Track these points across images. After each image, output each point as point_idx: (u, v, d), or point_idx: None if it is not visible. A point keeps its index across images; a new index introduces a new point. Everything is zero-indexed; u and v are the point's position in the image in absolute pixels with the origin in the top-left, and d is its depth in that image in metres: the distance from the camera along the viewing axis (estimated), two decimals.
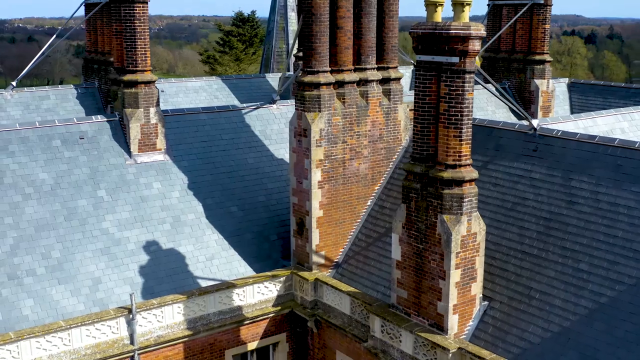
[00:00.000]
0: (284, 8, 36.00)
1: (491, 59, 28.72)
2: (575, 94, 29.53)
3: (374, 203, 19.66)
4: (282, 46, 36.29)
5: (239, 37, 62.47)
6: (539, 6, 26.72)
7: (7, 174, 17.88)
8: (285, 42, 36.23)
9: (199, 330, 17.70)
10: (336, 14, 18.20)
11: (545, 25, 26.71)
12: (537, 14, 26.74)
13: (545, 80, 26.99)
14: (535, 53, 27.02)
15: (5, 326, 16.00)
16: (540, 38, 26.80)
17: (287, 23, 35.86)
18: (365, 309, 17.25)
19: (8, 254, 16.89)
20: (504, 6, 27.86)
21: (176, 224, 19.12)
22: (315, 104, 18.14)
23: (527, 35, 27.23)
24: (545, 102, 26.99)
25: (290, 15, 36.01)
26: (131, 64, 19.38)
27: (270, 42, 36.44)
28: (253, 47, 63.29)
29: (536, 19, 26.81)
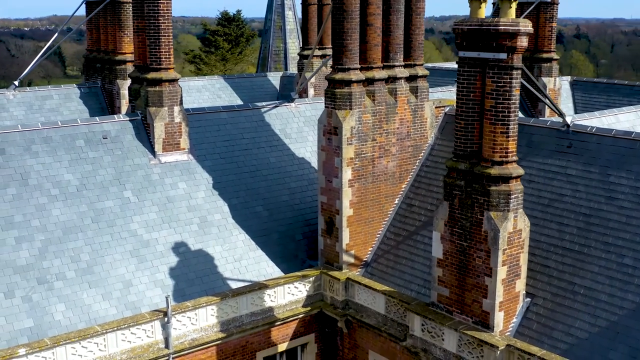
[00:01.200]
0: (281, 7, 35.74)
1: None
2: (578, 91, 29.87)
3: (402, 201, 19.54)
4: (279, 45, 36.01)
5: (225, 37, 61.89)
6: (546, 5, 26.96)
7: (31, 175, 17.33)
8: (282, 41, 35.96)
9: (232, 332, 17.38)
10: (366, 10, 18.04)
11: (552, 23, 26.96)
12: (544, 12, 26.98)
13: (552, 78, 27.23)
14: (542, 51, 27.24)
15: (38, 332, 15.50)
16: (547, 36, 27.03)
17: (285, 22, 35.60)
18: (402, 307, 17.12)
19: (37, 258, 16.36)
20: None
21: (203, 225, 18.76)
22: (347, 101, 17.96)
23: (534, 33, 27.38)
24: (552, 99, 27.18)
25: (288, 14, 35.76)
26: (155, 61, 18.94)
27: (268, 40, 36.14)
28: (239, 46, 62.77)
29: (543, 17, 27.05)
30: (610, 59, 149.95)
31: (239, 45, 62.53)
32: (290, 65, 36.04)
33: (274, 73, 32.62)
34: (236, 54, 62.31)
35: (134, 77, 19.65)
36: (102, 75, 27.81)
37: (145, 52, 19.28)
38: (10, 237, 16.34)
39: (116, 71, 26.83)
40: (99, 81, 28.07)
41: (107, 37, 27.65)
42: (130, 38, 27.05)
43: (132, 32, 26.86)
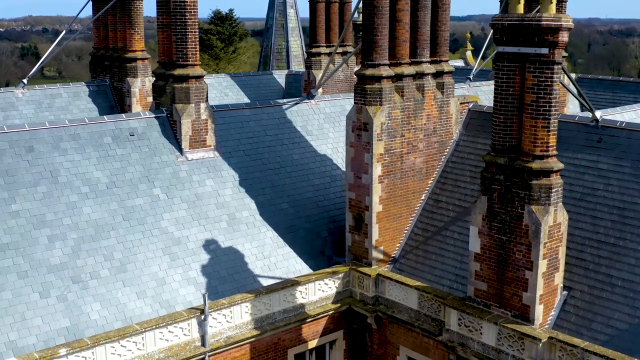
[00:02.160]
0: (283, 5, 35.64)
1: None
2: (584, 88, 30.17)
3: (428, 197, 19.60)
4: (281, 43, 35.91)
5: (218, 36, 61.55)
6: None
7: (61, 172, 17.07)
8: (284, 39, 35.87)
9: (266, 329, 17.29)
10: (395, 6, 18.06)
11: None
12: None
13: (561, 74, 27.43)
14: None
15: (75, 332, 15.27)
16: None
17: (287, 20, 35.51)
18: (436, 303, 17.17)
19: (70, 256, 16.12)
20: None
21: (232, 222, 18.63)
22: (377, 97, 17.97)
23: None
24: (561, 96, 27.46)
25: (289, 12, 35.68)
26: (181, 57, 18.77)
27: (270, 39, 36.01)
28: (233, 45, 62.49)
29: None
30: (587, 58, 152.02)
31: (232, 44, 62.28)
32: (292, 64, 35.98)
33: (279, 71, 32.52)
34: (229, 52, 62.07)
35: (159, 74, 19.44)
36: (111, 73, 27.50)
37: (171, 48, 19.09)
38: (42, 235, 16.08)
39: (126, 69, 26.56)
40: (107, 79, 27.76)
41: (115, 34, 27.34)
42: (140, 35, 26.84)
43: (142, 29, 26.77)
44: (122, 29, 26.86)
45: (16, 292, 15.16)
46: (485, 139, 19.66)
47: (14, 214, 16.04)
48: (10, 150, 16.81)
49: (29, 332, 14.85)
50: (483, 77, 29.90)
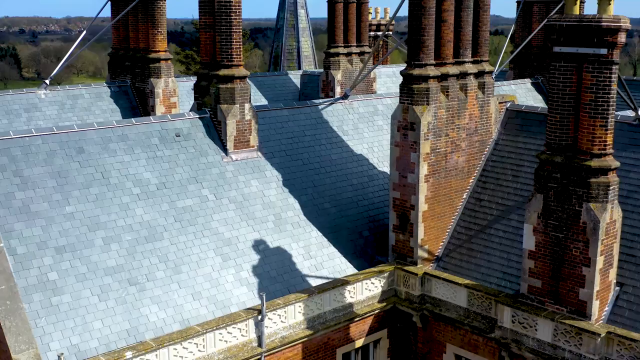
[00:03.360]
0: (294, 5, 35.64)
1: (522, 54, 29.43)
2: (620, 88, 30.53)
3: (470, 196, 19.77)
4: (292, 43, 35.91)
5: None
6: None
7: (112, 173, 16.94)
8: (295, 39, 35.86)
9: (318, 329, 17.32)
10: (441, 7, 18.21)
11: None
12: None
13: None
14: None
15: (135, 335, 15.17)
16: None
17: (297, 20, 35.52)
18: (487, 300, 17.34)
19: (126, 258, 16.01)
20: (535, 3, 28.62)
21: (278, 222, 18.63)
22: (424, 97, 18.09)
23: None
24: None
25: (300, 12, 35.70)
26: (226, 58, 18.70)
27: (280, 39, 35.97)
28: None
29: None
30: None
31: None
32: (303, 64, 35.99)
33: (294, 72, 32.52)
34: None
35: (202, 74, 19.35)
36: (133, 74, 27.29)
37: (214, 49, 19.02)
38: (97, 237, 15.95)
39: (149, 69, 26.39)
40: (128, 80, 27.54)
41: (137, 34, 27.15)
42: (163, 35, 26.70)
43: (165, 29, 26.63)
44: (144, 29, 26.69)
45: (75, 295, 15.02)
46: (524, 138, 19.92)
47: (69, 216, 15.89)
48: (61, 151, 16.64)
49: (90, 335, 14.72)
50: (501, 77, 30.19)
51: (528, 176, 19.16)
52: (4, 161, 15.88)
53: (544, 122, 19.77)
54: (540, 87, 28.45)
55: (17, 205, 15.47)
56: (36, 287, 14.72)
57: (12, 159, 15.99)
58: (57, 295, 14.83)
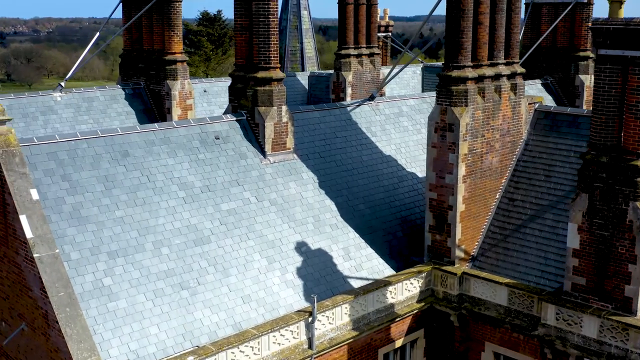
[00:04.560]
0: (297, 7, 35.65)
1: (531, 55, 29.85)
2: None
3: (502, 196, 20.04)
4: (295, 45, 35.91)
5: (208, 37, 60.83)
6: (582, 5, 28.12)
7: (158, 177, 16.80)
8: (299, 40, 35.86)
9: (363, 330, 17.41)
10: (478, 9, 18.44)
11: (587, 23, 28.15)
12: (580, 13, 28.14)
13: (589, 75, 28.45)
14: (579, 50, 28.42)
15: (191, 339, 15.10)
16: (583, 35, 28.21)
17: (301, 22, 35.53)
18: (529, 298, 17.60)
19: (176, 262, 15.90)
20: (544, 5, 29.09)
21: (317, 224, 18.67)
22: (462, 98, 18.30)
23: (569, 32, 28.57)
24: (588, 96, 28.45)
25: (303, 13, 35.72)
26: (264, 60, 18.66)
27: (283, 40, 35.95)
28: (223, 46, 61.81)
29: (579, 17, 28.19)
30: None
31: (222, 46, 61.64)
32: (306, 65, 36.04)
33: (301, 73, 32.56)
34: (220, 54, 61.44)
35: (238, 76, 19.26)
36: (147, 76, 27.03)
37: (251, 51, 18.96)
38: (148, 241, 15.81)
39: (166, 71, 26.19)
40: (141, 82, 27.27)
41: (151, 36, 26.91)
42: (179, 37, 26.55)
43: (181, 31, 26.48)
44: (159, 30, 26.48)
45: (130, 300, 14.89)
46: (555, 139, 20.26)
47: (119, 221, 15.73)
48: (107, 155, 16.46)
49: (147, 340, 14.61)
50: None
51: (561, 176, 19.52)
52: (52, 165, 15.66)
53: (573, 123, 20.25)
54: (550, 88, 28.93)
55: (68, 210, 15.27)
56: (92, 293, 14.56)
57: (60, 163, 15.77)
58: (113, 300, 14.68)
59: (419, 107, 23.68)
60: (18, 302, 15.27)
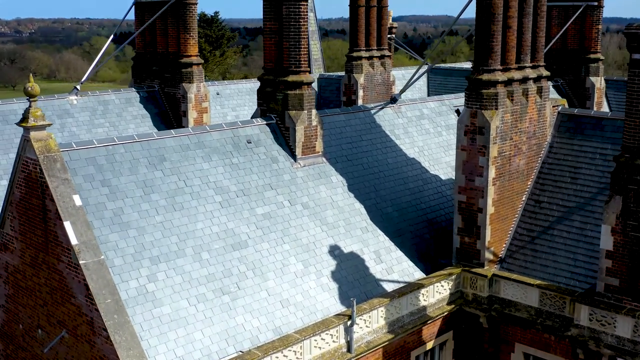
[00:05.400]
0: None
1: None
2: (611, 90, 31.64)
3: (528, 198, 20.22)
4: None
5: (206, 39, 60.57)
6: (592, 8, 28.44)
7: (194, 182, 16.74)
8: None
9: (398, 332, 17.48)
10: (507, 13, 18.59)
11: (598, 25, 28.50)
12: (591, 15, 28.46)
13: (599, 77, 28.79)
14: (590, 52, 28.74)
15: (234, 344, 15.07)
16: (593, 38, 28.54)
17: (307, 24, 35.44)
18: (561, 299, 17.77)
19: (216, 267, 15.86)
20: (554, 7, 29.34)
21: (348, 227, 18.71)
22: (493, 101, 18.44)
23: (579, 35, 28.87)
24: (598, 98, 28.80)
25: (309, 15, 35.64)
26: (294, 64, 18.67)
27: None
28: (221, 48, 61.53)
29: (589, 20, 28.52)
30: None
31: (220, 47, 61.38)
32: (313, 67, 36.03)
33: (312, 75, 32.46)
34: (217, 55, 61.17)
35: (267, 80, 19.24)
36: (161, 79, 26.89)
37: (280, 54, 18.96)
38: (188, 247, 15.76)
39: (181, 74, 26.08)
40: (155, 84, 27.12)
41: (165, 39, 26.79)
42: (195, 40, 26.45)
43: (196, 33, 26.37)
44: (174, 33, 26.36)
45: (174, 306, 14.82)
46: (579, 141, 20.47)
47: (159, 226, 15.65)
48: (144, 160, 16.37)
49: (192, 346, 14.55)
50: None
51: (587, 178, 19.74)
52: (91, 170, 15.55)
53: (597, 125, 20.47)
54: (561, 90, 29.22)
55: (109, 216, 15.17)
56: (136, 299, 14.47)
57: (99, 168, 15.66)
58: (157, 306, 14.61)
59: (438, 109, 23.82)
60: (58, 309, 15.16)
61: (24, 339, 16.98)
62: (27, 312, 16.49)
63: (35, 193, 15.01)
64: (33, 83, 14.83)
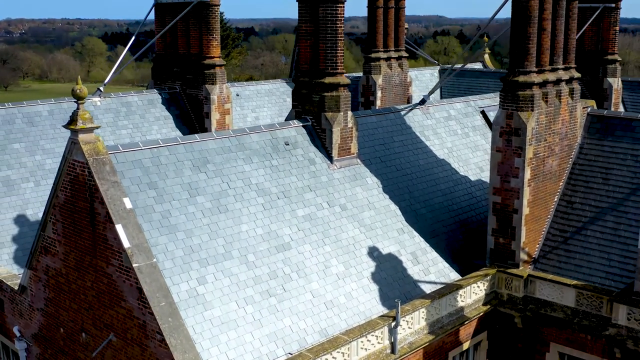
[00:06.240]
0: None
1: None
2: (626, 91, 31.91)
3: (560, 199, 20.36)
4: None
5: None
6: (610, 9, 28.68)
7: (237, 184, 16.74)
8: None
9: (438, 333, 17.56)
10: (542, 15, 18.70)
11: (615, 27, 28.75)
12: (609, 17, 28.69)
13: (616, 78, 29.03)
14: (607, 53, 28.98)
15: (283, 346, 15.08)
16: (611, 39, 28.79)
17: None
18: (598, 299, 17.91)
19: (262, 269, 15.87)
20: None
21: (385, 229, 18.76)
22: (529, 103, 18.55)
23: (596, 36, 29.10)
24: (616, 99, 29.04)
25: None
26: (331, 66, 18.70)
27: None
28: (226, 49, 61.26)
29: (607, 21, 28.76)
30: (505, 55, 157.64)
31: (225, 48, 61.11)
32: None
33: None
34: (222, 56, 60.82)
35: (302, 82, 19.26)
36: (183, 80, 26.84)
37: (316, 56, 18.98)
38: (234, 249, 15.76)
39: (204, 75, 26.05)
40: (177, 86, 27.07)
41: (186, 40, 26.74)
42: (217, 41, 26.48)
43: (219, 35, 26.36)
44: (196, 34, 26.32)
45: (224, 308, 14.82)
46: (610, 142, 20.62)
47: (205, 228, 15.64)
48: (188, 162, 16.35)
49: (244, 349, 14.56)
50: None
51: (618, 179, 19.89)
52: (138, 173, 15.51)
53: (628, 127, 20.64)
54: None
55: (157, 219, 15.14)
56: (188, 302, 14.46)
57: (145, 170, 15.63)
58: (208, 309, 14.60)
59: (464, 110, 23.93)
60: (106, 312, 15.12)
61: (64, 342, 16.94)
62: (70, 316, 16.45)
63: (83, 196, 14.97)
64: (81, 85, 14.77)
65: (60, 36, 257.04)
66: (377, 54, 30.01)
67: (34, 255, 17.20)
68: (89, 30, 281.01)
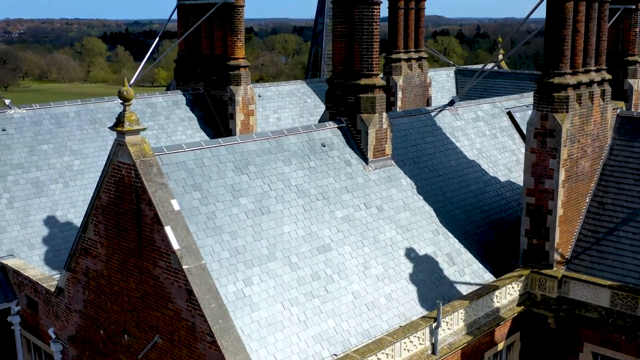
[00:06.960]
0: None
1: None
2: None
3: (591, 199, 20.45)
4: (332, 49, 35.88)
5: None
6: (630, 11, 28.75)
7: (278, 185, 16.79)
8: None
9: (475, 334, 17.63)
10: (576, 17, 18.79)
11: (636, 28, 28.81)
12: (629, 18, 28.75)
13: (637, 79, 29.11)
14: (628, 54, 29.05)
15: (328, 347, 15.14)
16: (632, 40, 28.84)
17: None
18: (633, 300, 17.99)
19: (305, 270, 15.93)
20: None
21: (421, 230, 18.83)
22: (564, 105, 18.63)
23: (616, 37, 29.16)
24: (636, 100, 29.12)
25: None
26: (366, 67, 18.75)
27: (320, 44, 35.95)
28: None
29: (627, 22, 28.81)
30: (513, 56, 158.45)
31: None
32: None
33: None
34: None
35: (336, 83, 19.31)
36: (207, 81, 26.85)
37: (351, 58, 19.03)
38: (277, 250, 15.81)
39: (229, 76, 26.07)
40: (200, 87, 27.09)
41: (210, 41, 26.75)
42: (242, 42, 26.46)
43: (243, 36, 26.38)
44: (221, 35, 26.33)
45: (270, 310, 14.87)
46: None
47: (249, 230, 15.69)
48: (230, 164, 16.40)
49: (291, 350, 14.61)
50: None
51: None
52: (183, 175, 15.55)
53: None
54: None
55: (203, 220, 15.18)
56: (235, 304, 14.50)
57: (189, 172, 15.67)
58: (255, 310, 14.65)
59: (492, 111, 24.02)
60: (151, 314, 15.14)
61: (104, 344, 16.95)
62: (111, 318, 16.46)
63: (128, 198, 14.99)
64: (128, 87, 14.81)
65: (59, 36, 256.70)
66: (398, 55, 30.08)
67: (73, 257, 17.21)
68: (87, 30, 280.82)
